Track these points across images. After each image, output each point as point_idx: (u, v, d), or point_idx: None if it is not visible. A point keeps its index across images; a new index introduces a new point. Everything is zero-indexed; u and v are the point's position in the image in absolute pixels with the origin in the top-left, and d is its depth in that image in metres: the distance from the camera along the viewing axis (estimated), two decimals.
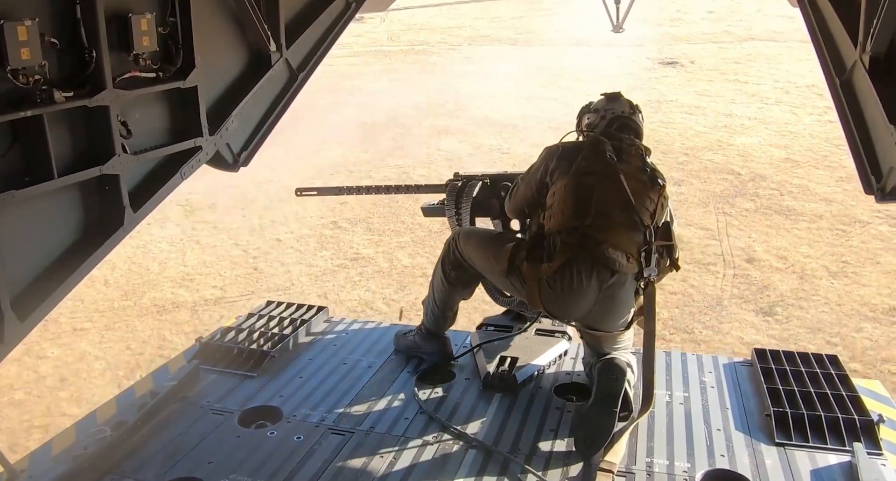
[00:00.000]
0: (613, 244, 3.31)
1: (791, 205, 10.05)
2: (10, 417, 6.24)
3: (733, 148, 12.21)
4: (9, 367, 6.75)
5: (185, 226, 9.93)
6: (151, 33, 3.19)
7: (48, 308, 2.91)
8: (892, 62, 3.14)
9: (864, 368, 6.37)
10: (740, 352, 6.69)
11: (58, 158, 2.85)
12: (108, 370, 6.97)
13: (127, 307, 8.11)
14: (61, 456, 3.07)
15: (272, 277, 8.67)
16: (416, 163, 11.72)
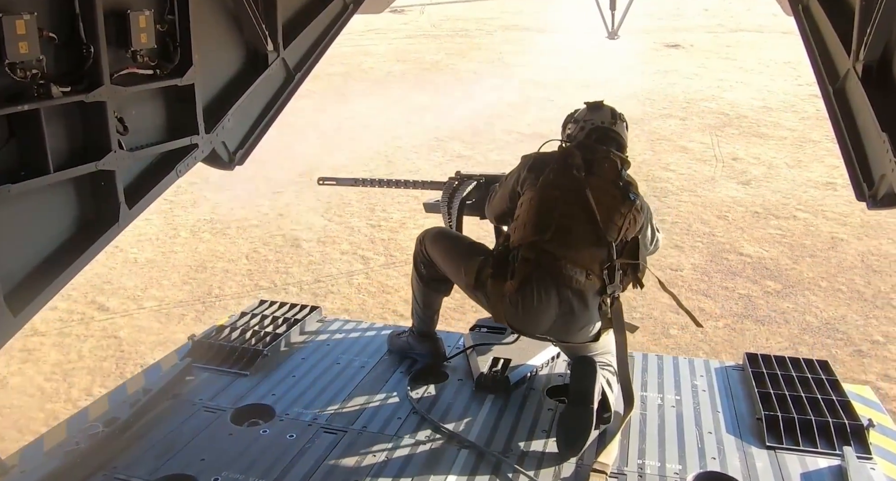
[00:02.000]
0: (572, 260, 3.31)
1: (765, 131, 14.15)
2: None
3: (723, 99, 16.22)
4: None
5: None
6: (149, 30, 3.19)
7: (42, 303, 2.91)
8: (884, 70, 3.17)
9: (806, 213, 10.26)
10: (729, 207, 10.36)
11: (54, 153, 2.85)
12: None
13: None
14: (53, 452, 3.06)
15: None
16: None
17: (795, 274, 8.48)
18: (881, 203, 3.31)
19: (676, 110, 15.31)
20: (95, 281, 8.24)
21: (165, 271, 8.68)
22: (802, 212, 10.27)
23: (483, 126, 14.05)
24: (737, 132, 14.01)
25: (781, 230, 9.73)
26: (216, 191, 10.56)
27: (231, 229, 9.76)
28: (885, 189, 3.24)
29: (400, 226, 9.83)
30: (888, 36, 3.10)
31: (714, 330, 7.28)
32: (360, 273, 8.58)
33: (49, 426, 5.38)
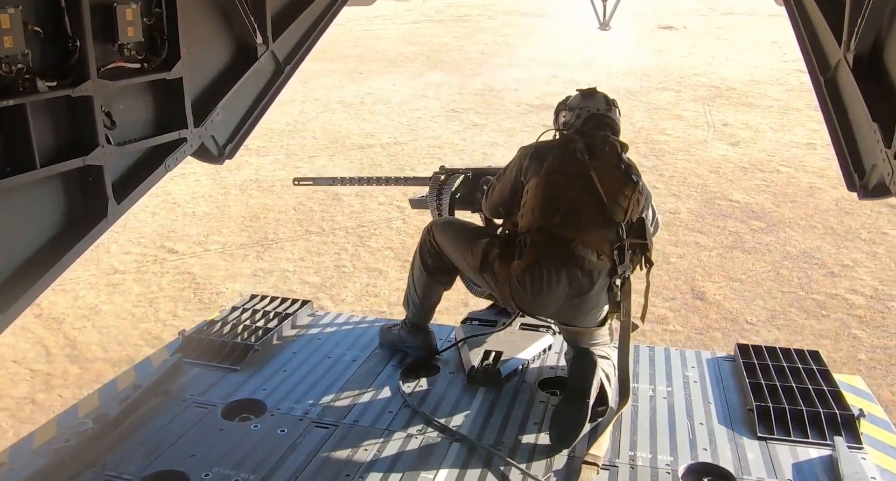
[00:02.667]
0: (583, 242, 3.32)
1: (752, 101, 15.42)
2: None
3: (714, 74, 17.43)
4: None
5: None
6: (136, 23, 3.16)
7: (30, 299, 2.89)
8: (875, 61, 3.17)
9: (788, 168, 11.61)
10: (720, 163, 11.70)
11: (40, 149, 2.83)
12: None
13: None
14: (42, 449, 3.04)
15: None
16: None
17: (778, 215, 9.83)
18: (872, 193, 3.32)
19: (671, 84, 16.64)
20: (161, 230, 9.48)
21: (223, 221, 9.87)
22: (785, 167, 11.64)
23: (494, 99, 15.28)
24: (727, 102, 15.32)
25: (766, 181, 11.03)
26: (257, 157, 12.05)
27: (276, 187, 10.95)
28: (876, 179, 3.24)
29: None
30: (879, 26, 3.10)
31: (708, 257, 8.65)
32: (398, 219, 9.69)
33: (145, 341, 6.99)
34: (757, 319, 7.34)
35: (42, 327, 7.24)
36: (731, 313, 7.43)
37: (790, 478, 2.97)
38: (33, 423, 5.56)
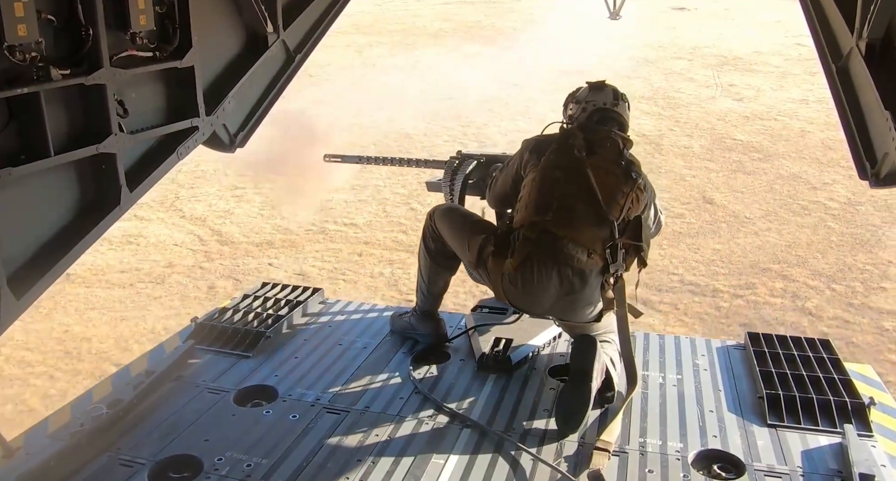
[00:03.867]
0: (574, 239, 3.32)
1: (755, 68, 17.54)
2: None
3: (722, 47, 19.32)
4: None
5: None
6: (148, 12, 3.17)
7: (45, 286, 2.92)
8: (888, 48, 3.15)
9: (784, 118, 14.00)
10: (726, 114, 14.04)
11: (54, 136, 2.85)
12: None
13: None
14: (57, 434, 3.08)
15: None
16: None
17: (773, 149, 12.33)
18: (884, 181, 3.30)
19: (684, 54, 18.68)
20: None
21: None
22: (781, 117, 14.05)
23: (528, 65, 16.86)
24: (733, 68, 17.48)
25: (765, 127, 13.52)
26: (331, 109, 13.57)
27: (355, 127, 12.79)
28: (888, 167, 3.23)
29: (483, 126, 13.37)
30: (891, 14, 3.08)
31: (716, 177, 11.08)
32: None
33: (278, 232, 9.16)
34: (754, 216, 9.71)
35: (189, 223, 9.60)
36: (734, 212, 9.83)
37: (800, 466, 2.98)
38: (206, 281, 8.06)
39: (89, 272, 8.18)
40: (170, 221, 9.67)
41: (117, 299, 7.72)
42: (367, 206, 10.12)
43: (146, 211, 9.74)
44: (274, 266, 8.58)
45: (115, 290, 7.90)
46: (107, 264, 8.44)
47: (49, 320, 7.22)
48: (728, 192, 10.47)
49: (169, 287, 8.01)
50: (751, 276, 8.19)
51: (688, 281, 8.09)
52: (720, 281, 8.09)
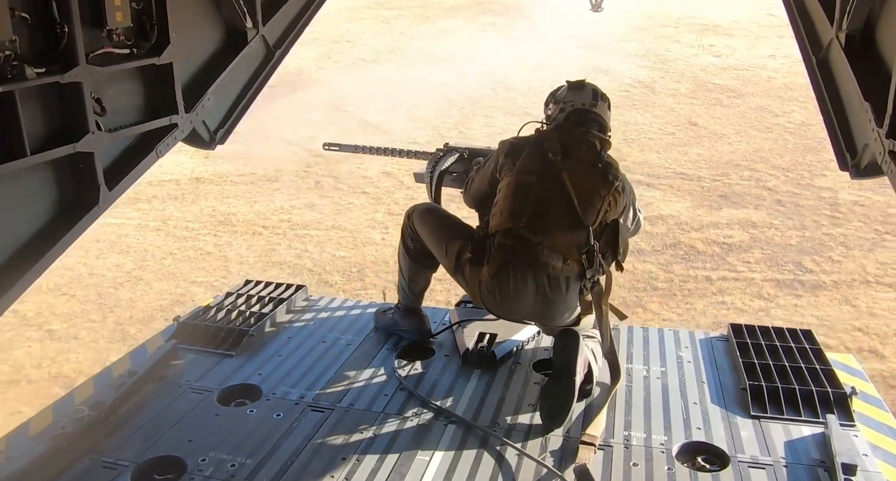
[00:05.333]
0: (549, 246, 3.30)
1: (732, 32, 19.87)
2: None
3: (705, 17, 21.24)
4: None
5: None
6: (125, 8, 3.12)
7: (22, 288, 2.88)
8: (867, 40, 3.16)
9: (755, 69, 17.00)
10: (706, 67, 16.79)
11: (30, 136, 2.80)
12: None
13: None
14: (39, 437, 3.05)
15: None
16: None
17: (745, 90, 15.41)
18: (864, 172, 3.32)
19: (670, 23, 20.80)
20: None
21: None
22: (752, 68, 16.89)
23: (536, 33, 18.92)
24: (712, 33, 19.86)
25: (738, 75, 16.41)
26: (374, 65, 17.05)
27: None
28: (868, 158, 3.25)
29: (529, 88, 14.50)
30: (871, 5, 3.09)
31: (699, 109, 14.31)
32: (501, 127, 12.69)
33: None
34: (728, 133, 13.02)
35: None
36: (713, 131, 13.12)
37: (783, 456, 3.00)
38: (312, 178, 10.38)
39: (214, 176, 11.17)
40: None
41: (243, 192, 10.55)
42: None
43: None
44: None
45: (240, 186, 10.78)
46: (226, 171, 11.23)
47: (196, 205, 10.27)
48: (708, 118, 13.86)
49: (282, 183, 10.88)
50: (725, 169, 11.39)
51: (678, 172, 11.33)
52: (703, 172, 11.33)
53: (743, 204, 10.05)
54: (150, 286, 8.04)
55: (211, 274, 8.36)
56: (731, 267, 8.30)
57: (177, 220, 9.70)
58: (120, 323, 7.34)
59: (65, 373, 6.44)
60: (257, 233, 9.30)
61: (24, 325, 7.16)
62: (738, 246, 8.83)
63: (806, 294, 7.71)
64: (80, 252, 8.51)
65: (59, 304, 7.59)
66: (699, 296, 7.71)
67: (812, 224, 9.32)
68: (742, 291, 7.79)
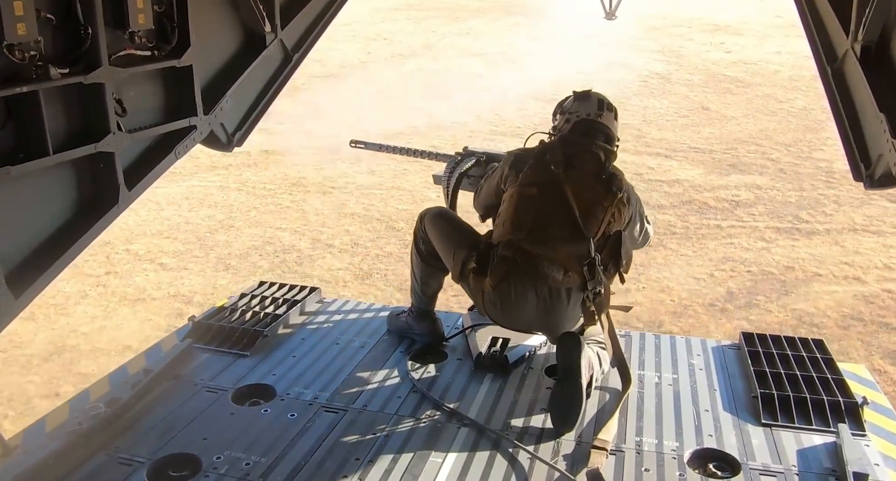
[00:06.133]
0: (549, 258, 3.31)
1: (741, 31, 21.41)
2: None
3: (715, 18, 22.77)
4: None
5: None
6: (147, 11, 3.17)
7: (43, 284, 2.92)
8: (883, 51, 3.17)
9: (761, 62, 18.79)
10: (717, 61, 18.29)
11: (53, 135, 2.85)
12: None
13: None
14: (55, 433, 3.08)
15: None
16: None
17: (753, 81, 16.82)
18: (878, 183, 3.33)
19: (683, 23, 22.28)
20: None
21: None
22: (760, 62, 18.31)
23: (558, 31, 20.27)
24: (723, 32, 21.33)
25: (747, 68, 17.80)
26: (413, 59, 18.45)
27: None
28: (882, 169, 3.26)
29: (555, 79, 15.08)
30: (886, 16, 3.10)
31: (711, 96, 15.63)
32: (532, 111, 13.87)
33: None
34: (736, 116, 14.32)
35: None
36: (723, 114, 14.44)
37: (794, 464, 3.00)
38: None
39: (281, 149, 11.97)
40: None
41: (310, 161, 11.47)
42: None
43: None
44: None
45: (306, 157, 11.59)
46: (290, 145, 12.03)
47: (268, 170, 11.27)
48: (719, 104, 15.09)
49: (343, 154, 11.00)
50: (734, 144, 12.72)
51: (692, 147, 12.62)
52: (714, 147, 12.62)
53: (749, 171, 11.46)
54: (241, 231, 9.31)
55: (293, 223, 9.50)
56: (738, 218, 9.75)
57: (254, 183, 10.86)
58: (221, 258, 8.61)
59: (182, 293, 7.78)
60: (327, 192, 10.46)
61: (138, 260, 8.50)
62: (744, 202, 10.26)
63: (802, 238, 9.16)
64: (174, 207, 9.96)
65: (165, 245, 8.89)
66: (711, 238, 9.11)
67: (809, 186, 10.80)
68: (747, 236, 9.18)
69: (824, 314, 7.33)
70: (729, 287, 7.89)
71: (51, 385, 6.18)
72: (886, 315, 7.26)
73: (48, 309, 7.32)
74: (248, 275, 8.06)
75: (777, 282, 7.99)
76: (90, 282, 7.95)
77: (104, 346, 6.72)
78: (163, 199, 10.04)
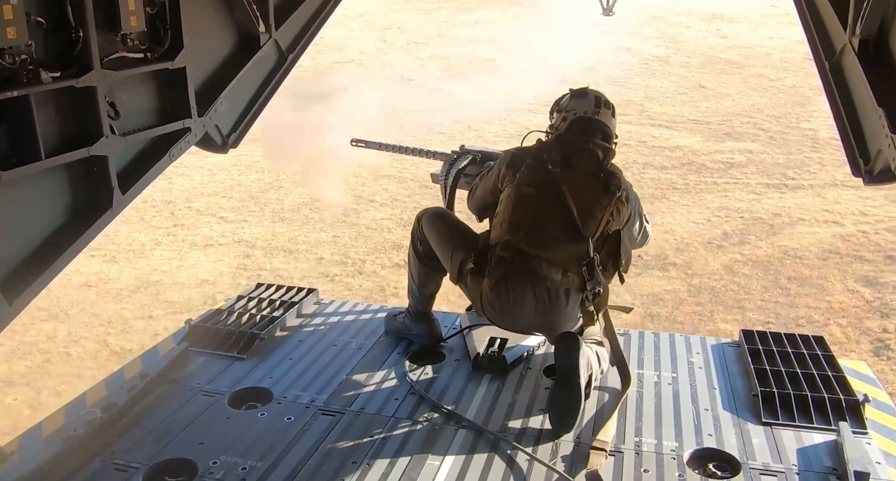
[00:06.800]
0: (547, 259, 3.29)
1: (737, 19, 22.69)
2: None
3: (713, 7, 23.70)
4: None
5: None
6: (139, 13, 3.16)
7: (37, 290, 2.91)
8: (881, 45, 3.16)
9: (756, 46, 20.38)
10: (714, 46, 19.93)
11: (45, 139, 2.84)
12: None
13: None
14: (51, 438, 3.06)
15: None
16: None
17: (746, 63, 18.29)
18: (877, 178, 3.31)
19: (682, 13, 23.34)
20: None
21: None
22: (753, 47, 19.76)
23: (564, 19, 20.62)
24: (719, 20, 22.61)
25: (741, 52, 19.26)
26: (426, 47, 19.75)
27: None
28: (882, 164, 3.24)
29: (563, 64, 16.31)
30: (884, 10, 3.08)
31: (707, 76, 17.31)
32: (543, 90, 13.66)
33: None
34: (731, 93, 15.87)
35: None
36: (718, 91, 15.98)
37: (795, 463, 2.98)
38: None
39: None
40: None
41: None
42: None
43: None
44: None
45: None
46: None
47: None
48: (715, 83, 16.70)
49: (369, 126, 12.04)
50: (728, 117, 14.31)
51: (691, 119, 14.19)
52: (710, 119, 14.20)
53: (742, 139, 13.04)
54: (289, 191, 10.59)
55: (335, 183, 9.67)
56: (732, 176, 11.35)
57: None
58: (275, 212, 9.92)
59: (245, 239, 9.17)
60: (362, 156, 11.17)
61: (201, 215, 9.93)
62: (737, 164, 11.84)
63: (788, 192, 10.73)
64: (225, 172, 11.26)
65: (223, 203, 10.27)
66: (708, 192, 10.69)
67: (796, 151, 12.44)
68: (740, 190, 10.73)
69: (806, 249, 8.83)
70: (724, 229, 9.43)
71: (143, 310, 7.55)
72: (860, 249, 8.78)
73: (127, 253, 8.79)
74: (303, 224, 9.57)
75: (766, 225, 9.50)
76: (160, 232, 9.41)
77: (184, 281, 8.18)
78: (213, 166, 11.28)
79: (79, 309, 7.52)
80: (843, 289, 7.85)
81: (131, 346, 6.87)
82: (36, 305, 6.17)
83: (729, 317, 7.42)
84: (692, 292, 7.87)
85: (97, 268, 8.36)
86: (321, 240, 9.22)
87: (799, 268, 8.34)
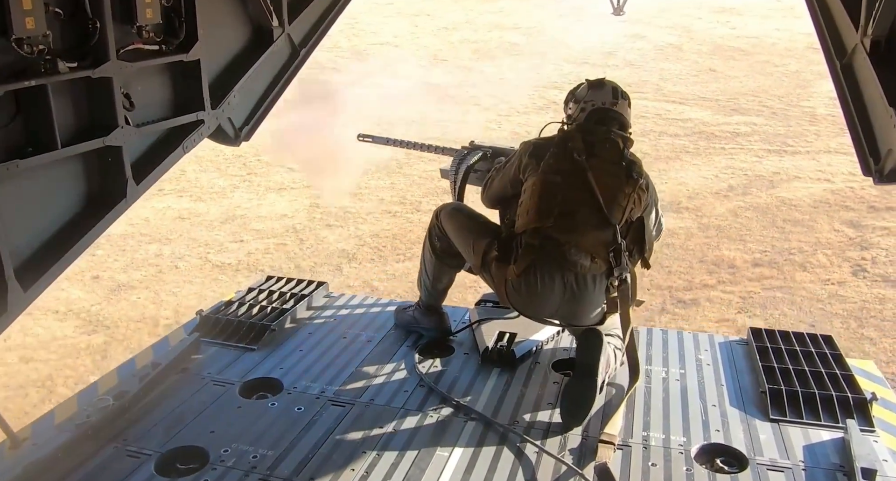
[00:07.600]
0: (577, 245, 3.32)
1: (745, 12, 24.23)
2: None
3: (722, 1, 25.45)
4: None
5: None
6: (155, 5, 3.18)
7: (51, 278, 2.93)
8: (892, 46, 3.15)
9: (762, 35, 22.11)
10: (723, 35, 21.64)
11: (61, 129, 2.86)
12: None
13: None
14: (64, 425, 3.09)
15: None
16: None
17: (753, 50, 19.75)
18: (888, 178, 3.31)
19: (693, 5, 24.88)
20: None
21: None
22: (760, 37, 21.15)
23: (584, 11, 23.10)
24: (728, 13, 24.14)
25: (749, 41, 20.66)
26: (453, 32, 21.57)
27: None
28: (892, 163, 3.24)
29: (583, 48, 19.23)
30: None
31: (717, 61, 18.68)
32: (566, 71, 17.01)
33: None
34: (738, 76, 17.31)
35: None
36: (727, 74, 17.47)
37: (802, 460, 3.00)
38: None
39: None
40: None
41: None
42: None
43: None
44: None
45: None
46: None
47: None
48: (724, 67, 18.13)
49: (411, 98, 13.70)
50: (736, 95, 15.78)
51: (701, 97, 15.70)
52: (719, 97, 15.68)
53: (748, 114, 14.64)
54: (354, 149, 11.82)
55: (385, 152, 11.10)
56: (737, 143, 12.94)
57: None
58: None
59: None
60: (393, 124, 11.65)
61: (270, 166, 11.44)
62: (743, 134, 13.45)
63: (787, 156, 12.27)
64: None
65: (289, 157, 11.20)
66: (715, 155, 12.33)
67: (796, 124, 13.97)
68: (745, 154, 12.34)
69: (801, 200, 10.31)
70: (729, 183, 10.99)
71: (234, 236, 9.11)
72: (847, 201, 10.24)
73: (211, 194, 10.41)
74: (363, 174, 10.63)
75: (766, 181, 11.07)
76: (237, 179, 10.97)
77: (265, 215, 9.74)
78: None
79: (178, 234, 9.14)
80: (829, 228, 9.39)
81: (230, 261, 8.47)
82: (139, 232, 9.10)
83: (732, 246, 8.92)
84: (701, 228, 9.42)
85: (187, 206, 10.06)
86: (380, 185, 10.75)
87: (793, 213, 9.90)
